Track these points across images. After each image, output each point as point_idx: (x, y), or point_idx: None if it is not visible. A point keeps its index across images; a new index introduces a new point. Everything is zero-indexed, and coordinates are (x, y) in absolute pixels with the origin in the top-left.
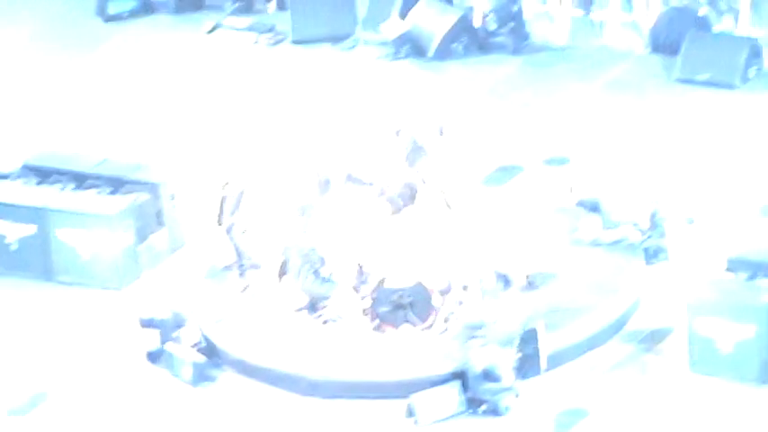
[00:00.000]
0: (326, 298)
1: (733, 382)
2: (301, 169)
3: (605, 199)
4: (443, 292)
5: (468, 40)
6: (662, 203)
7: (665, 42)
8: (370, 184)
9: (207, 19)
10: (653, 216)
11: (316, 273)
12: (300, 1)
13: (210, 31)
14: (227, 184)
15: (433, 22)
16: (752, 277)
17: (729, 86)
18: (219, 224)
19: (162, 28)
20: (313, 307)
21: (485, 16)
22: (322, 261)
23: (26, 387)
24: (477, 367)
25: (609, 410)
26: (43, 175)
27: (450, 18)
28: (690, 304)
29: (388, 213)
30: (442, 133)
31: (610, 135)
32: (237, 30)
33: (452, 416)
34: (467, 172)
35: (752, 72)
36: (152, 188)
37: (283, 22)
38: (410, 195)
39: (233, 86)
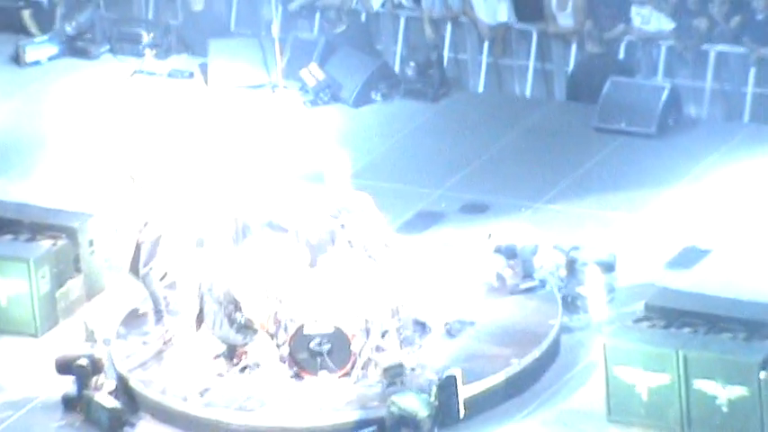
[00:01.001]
0: (242, 345)
1: (650, 429)
2: (219, 215)
3: (523, 246)
4: (362, 339)
5: (387, 87)
6: (580, 251)
7: (583, 90)
8: (288, 231)
9: (126, 64)
10: (571, 263)
11: (231, 319)
12: (220, 47)
13: (131, 75)
14: (143, 227)
15: (352, 70)
16: (668, 325)
17: (647, 135)
18: (134, 271)
19: (81, 73)
20: (231, 354)
21: (404, 64)
22: (237, 307)
23: None
24: (395, 414)
25: None
26: None
27: (369, 65)
28: (607, 352)
29: (307, 260)
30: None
31: (527, 181)
32: (157, 75)
33: None
34: (385, 219)
35: (671, 120)
36: (70, 233)
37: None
38: (329, 241)
39: (153, 130)
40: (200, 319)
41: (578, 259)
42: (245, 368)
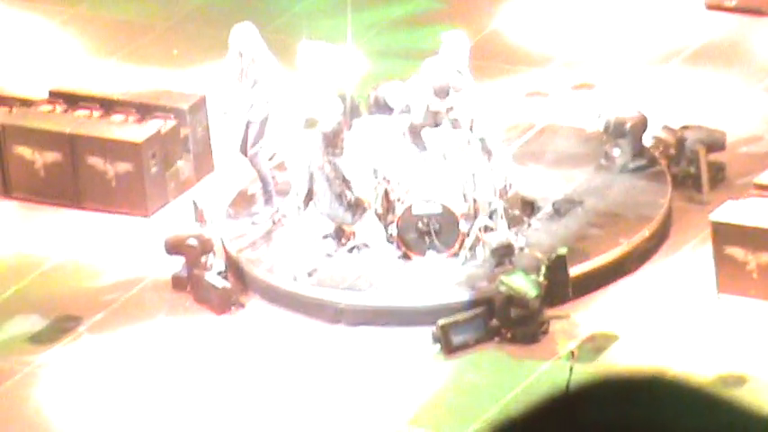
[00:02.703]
0: (351, 224)
1: (763, 301)
2: (329, 95)
3: (632, 124)
4: (469, 219)
5: None
6: (690, 130)
7: None
8: (395, 110)
9: None
10: (681, 142)
11: (340, 197)
12: None
13: None
14: (251, 107)
15: None
16: None
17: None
18: (243, 152)
19: None
20: (339, 234)
21: None
22: (347, 184)
23: (54, 314)
24: (503, 294)
25: (639, 335)
26: (70, 101)
27: None
28: (717, 228)
29: (411, 141)
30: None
31: (638, 60)
32: None
33: (479, 343)
34: (492, 98)
35: None
36: (179, 114)
37: None
38: (433, 123)
39: (261, 7)
40: (308, 198)
41: (688, 138)
42: (353, 248)
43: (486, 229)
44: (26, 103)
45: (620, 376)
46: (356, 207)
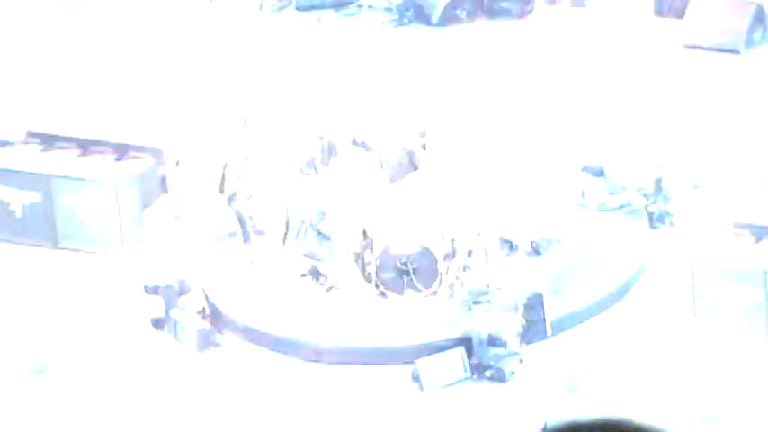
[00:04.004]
0: (325, 258)
1: (740, 344)
2: (306, 134)
3: (610, 164)
4: (448, 258)
5: (471, 5)
6: (666, 168)
7: (670, 6)
8: (373, 150)
9: None
10: (657, 181)
11: (315, 229)
12: None
13: None
14: (230, 150)
15: None
16: (758, 241)
17: (734, 51)
18: (222, 192)
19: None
20: (316, 273)
21: None
22: (322, 217)
23: (30, 353)
24: (482, 333)
25: (614, 373)
26: (48, 141)
27: None
28: (695, 269)
29: (388, 181)
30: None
31: (616, 99)
32: None
33: (457, 381)
34: (471, 138)
35: (757, 36)
36: (156, 154)
37: None
38: (410, 162)
39: (238, 52)
40: (285, 236)
41: (665, 176)
42: (330, 288)
43: (465, 268)
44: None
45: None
46: (331, 243)
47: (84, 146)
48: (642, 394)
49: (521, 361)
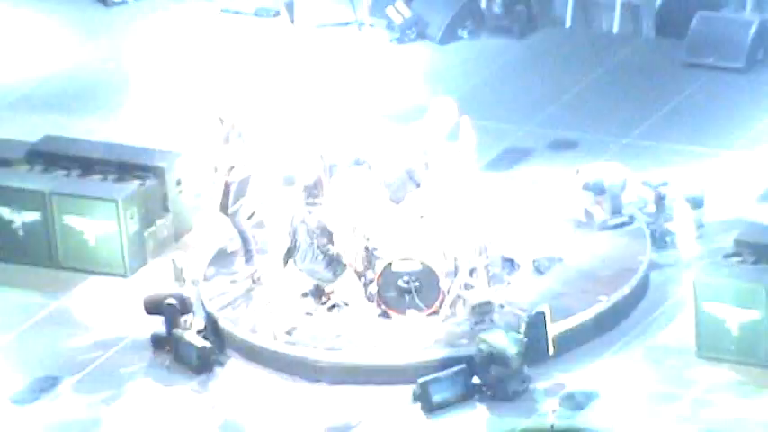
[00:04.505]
0: (331, 280)
1: (740, 365)
2: (307, 153)
3: (611, 182)
4: (450, 276)
5: (474, 24)
6: (668, 187)
7: (671, 25)
8: (374, 169)
9: (212, 3)
10: (659, 199)
11: (322, 251)
12: None
13: (217, 14)
14: (232, 168)
15: (439, 7)
16: (758, 261)
17: (736, 70)
18: (224, 211)
19: (167, 12)
20: (319, 292)
21: (491, 1)
22: (329, 239)
23: (34, 374)
24: (483, 352)
25: (618, 394)
26: (49, 160)
27: (456, 2)
28: (697, 288)
29: (390, 201)
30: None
31: (616, 117)
32: (243, 13)
33: (459, 401)
34: (472, 156)
35: (759, 54)
36: (158, 173)
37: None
38: (408, 180)
39: (239, 69)
40: (288, 255)
41: (667, 195)
42: (332, 306)
43: (467, 286)
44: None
45: None
46: (338, 264)
47: (86, 165)
48: (646, 414)
49: (523, 380)
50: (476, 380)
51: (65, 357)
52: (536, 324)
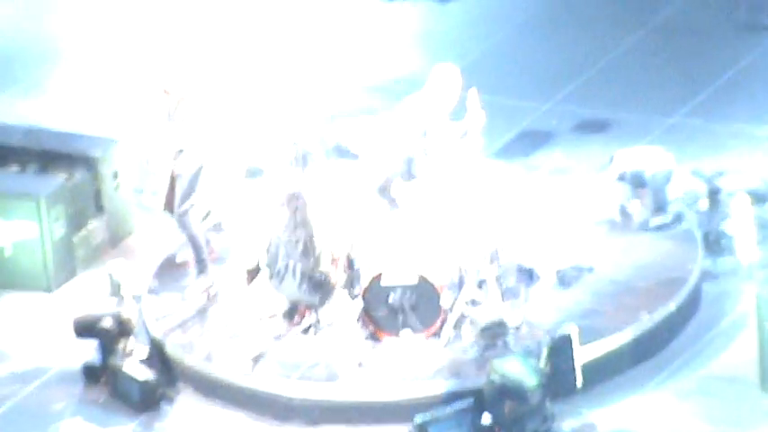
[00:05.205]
0: (318, 305)
1: None
2: (277, 137)
3: (653, 172)
4: (453, 291)
5: None
6: (725, 177)
7: None
8: (359, 158)
9: None
10: (713, 193)
11: (309, 275)
12: None
13: None
14: (179, 155)
15: None
16: None
17: None
18: (170, 209)
19: None
20: (291, 313)
21: None
22: (317, 260)
23: None
24: (495, 384)
25: None
26: None
27: None
28: (760, 304)
29: (378, 197)
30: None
31: (659, 93)
32: None
33: None
34: (480, 140)
35: None
36: (90, 164)
37: None
38: (407, 171)
39: (192, 30)
40: (255, 272)
41: (723, 188)
42: (308, 328)
43: (474, 303)
44: None
45: None
46: (326, 287)
47: (1, 154)
48: None
49: (544, 419)
50: (486, 419)
51: None
52: (560, 349)
